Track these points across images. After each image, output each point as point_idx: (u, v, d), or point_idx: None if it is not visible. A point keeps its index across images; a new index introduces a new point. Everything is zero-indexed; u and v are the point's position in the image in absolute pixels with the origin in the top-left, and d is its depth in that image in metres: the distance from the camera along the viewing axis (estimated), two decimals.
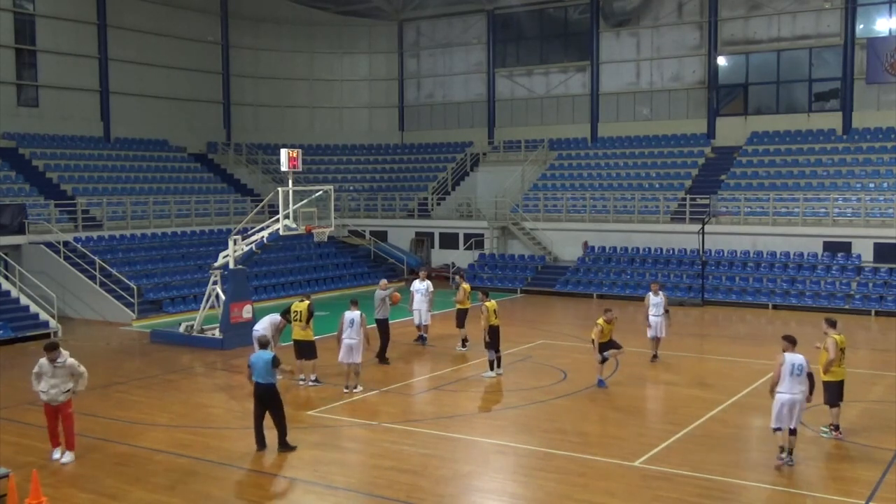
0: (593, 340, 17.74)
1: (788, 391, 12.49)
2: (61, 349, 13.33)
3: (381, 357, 20.09)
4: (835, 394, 13.99)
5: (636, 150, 38.77)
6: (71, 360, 13.26)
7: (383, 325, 20.45)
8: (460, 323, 22.01)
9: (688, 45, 38.62)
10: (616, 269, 32.61)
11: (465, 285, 22.46)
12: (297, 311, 18.01)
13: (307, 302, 18.19)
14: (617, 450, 13.57)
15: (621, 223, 34.27)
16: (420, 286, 22.44)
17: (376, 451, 13.76)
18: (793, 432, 12.63)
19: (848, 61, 34.83)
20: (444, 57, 44.83)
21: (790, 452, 12.63)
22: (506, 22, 43.17)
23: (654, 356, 20.12)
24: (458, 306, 22.12)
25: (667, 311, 20.12)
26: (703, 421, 15.17)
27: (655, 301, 20.02)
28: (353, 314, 17.36)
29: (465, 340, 21.91)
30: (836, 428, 14.02)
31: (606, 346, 17.81)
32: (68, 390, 13.18)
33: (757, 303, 28.90)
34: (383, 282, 21.42)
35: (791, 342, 12.87)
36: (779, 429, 12.61)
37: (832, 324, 14.17)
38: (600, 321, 17.72)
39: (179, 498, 11.75)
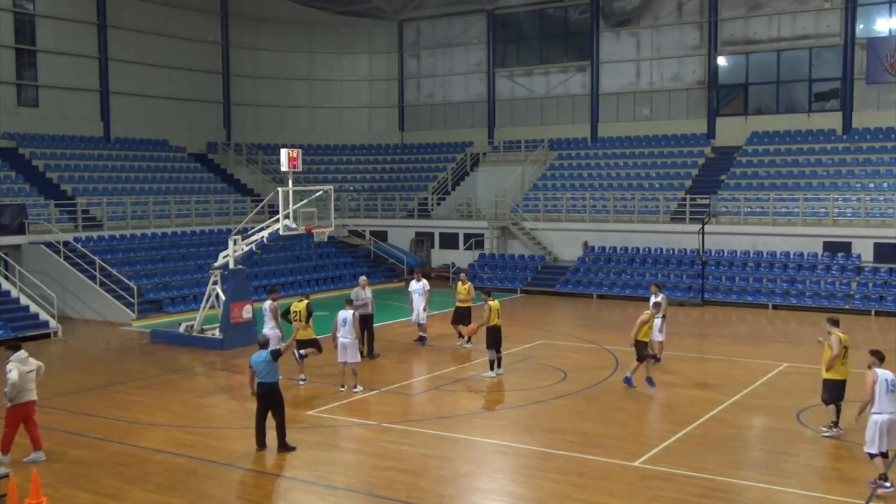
0: (638, 340, 17.35)
1: (886, 410, 11.55)
2: (14, 352, 13.23)
3: (369, 353, 20.27)
4: (835, 392, 13.98)
5: (636, 150, 38.76)
6: (8, 366, 13.09)
7: (367, 322, 20.38)
8: (456, 320, 22.10)
9: (688, 45, 38.61)
10: (616, 269, 32.60)
11: (468, 284, 22.45)
12: (296, 312, 18.10)
13: (306, 302, 18.29)
14: (617, 450, 13.57)
15: (621, 223, 34.26)
16: (416, 286, 22.61)
17: (376, 451, 13.75)
18: (885, 455, 11.72)
19: (848, 61, 34.82)
20: (444, 57, 44.83)
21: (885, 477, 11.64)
22: (506, 22, 43.17)
23: (655, 358, 20.04)
24: (458, 304, 22.17)
25: (664, 316, 19.70)
26: (703, 421, 15.17)
27: (655, 302, 19.88)
28: (346, 313, 17.42)
29: (461, 335, 22.06)
30: (836, 425, 14.00)
31: (645, 348, 17.40)
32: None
33: (757, 303, 28.89)
34: (363, 279, 21.68)
35: (880, 358, 12.06)
36: (880, 454, 11.62)
37: (835, 322, 14.16)
38: (648, 311, 17.58)
39: (179, 498, 11.75)
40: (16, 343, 13.70)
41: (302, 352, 17.92)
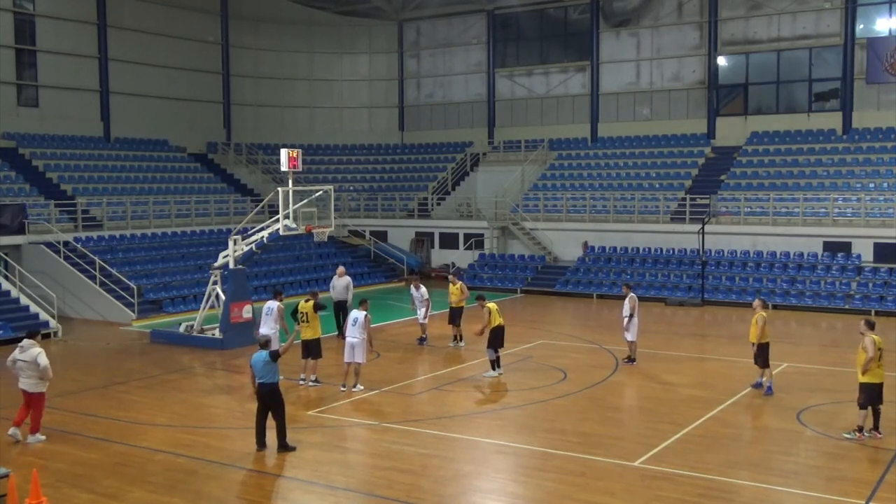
0: (753, 343, 17.05)
1: None
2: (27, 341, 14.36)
3: (340, 335, 21.54)
4: (871, 395, 13.82)
5: (636, 150, 38.76)
6: None
7: (342, 306, 22.75)
8: (451, 320, 22.29)
9: (688, 45, 38.61)
10: (616, 269, 32.60)
11: (459, 284, 22.53)
12: (303, 313, 18.03)
13: (312, 301, 18.22)
14: (617, 450, 13.57)
15: (621, 223, 34.26)
16: (416, 293, 22.84)
17: (376, 451, 13.76)
18: None
19: (848, 61, 34.82)
20: (444, 57, 44.83)
21: None
22: (506, 22, 43.16)
23: (626, 358, 20.02)
24: (452, 305, 22.23)
25: (630, 315, 19.55)
26: (703, 421, 15.17)
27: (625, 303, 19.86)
28: (357, 313, 17.40)
29: (455, 337, 22.25)
30: (860, 430, 13.88)
31: (765, 350, 17.00)
32: None
33: None
34: (341, 269, 23.87)
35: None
36: None
37: (870, 325, 14.06)
38: (762, 313, 17.10)
39: (179, 498, 11.75)
40: (30, 332, 14.77)
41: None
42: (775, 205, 31.89)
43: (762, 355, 17.10)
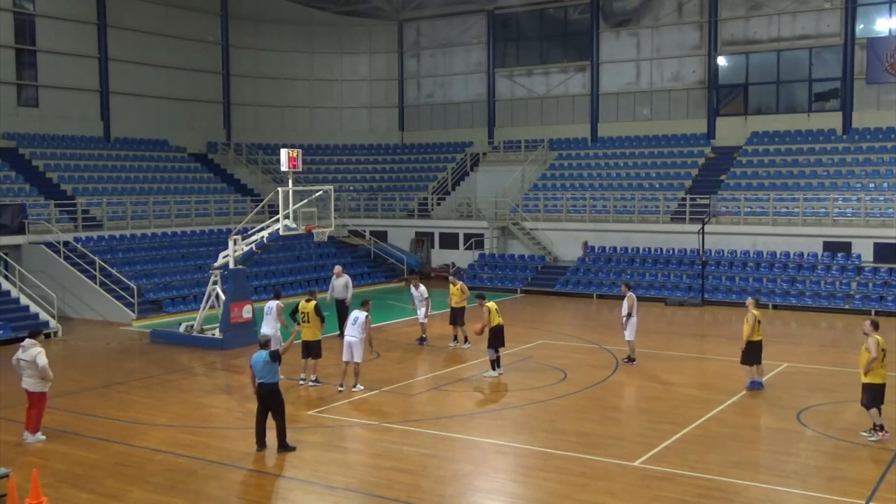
0: (752, 341, 17.10)
1: None
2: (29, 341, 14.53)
3: (341, 334, 20.84)
4: (874, 395, 13.84)
5: (636, 150, 38.76)
6: None
7: (342, 305, 23.15)
8: (452, 320, 22.30)
9: (688, 45, 38.61)
10: (616, 270, 32.59)
11: (459, 284, 22.56)
12: (304, 313, 18.03)
13: (314, 302, 18.22)
14: (617, 450, 13.57)
15: (621, 223, 34.26)
16: (415, 293, 22.85)
17: (376, 451, 13.76)
18: None
19: (848, 61, 34.82)
20: (444, 57, 44.84)
21: None
22: (506, 22, 43.17)
23: (626, 358, 20.01)
24: (453, 305, 22.25)
25: (629, 315, 19.54)
26: (703, 421, 15.17)
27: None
28: (359, 313, 17.40)
29: (456, 337, 22.29)
30: (882, 428, 13.85)
31: (757, 349, 17.15)
32: None
33: None
34: (338, 268, 24.13)
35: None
36: None
37: (875, 326, 14.08)
38: (753, 311, 17.14)
39: (179, 498, 11.75)
40: (32, 332, 14.96)
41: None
42: (775, 205, 31.89)
43: (749, 353, 17.16)
